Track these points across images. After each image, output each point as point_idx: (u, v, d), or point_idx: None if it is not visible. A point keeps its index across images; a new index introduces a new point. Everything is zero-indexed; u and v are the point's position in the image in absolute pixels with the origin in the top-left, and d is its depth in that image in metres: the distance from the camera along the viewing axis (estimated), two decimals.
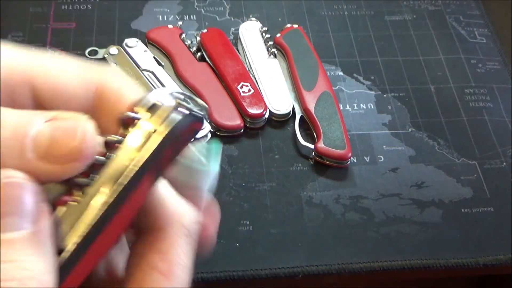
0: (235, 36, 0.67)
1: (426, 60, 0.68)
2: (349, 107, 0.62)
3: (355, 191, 0.56)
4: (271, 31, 0.66)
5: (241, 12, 0.70)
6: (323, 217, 0.54)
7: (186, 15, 0.70)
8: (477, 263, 0.52)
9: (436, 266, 0.52)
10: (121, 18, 0.68)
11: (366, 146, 0.59)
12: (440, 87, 0.66)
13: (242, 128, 0.58)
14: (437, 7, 0.74)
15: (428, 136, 0.61)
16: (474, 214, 0.55)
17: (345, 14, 0.72)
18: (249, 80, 0.61)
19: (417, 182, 0.57)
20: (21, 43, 0.64)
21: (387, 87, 0.65)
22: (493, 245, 0.53)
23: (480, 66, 0.68)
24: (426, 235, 0.53)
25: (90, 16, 0.68)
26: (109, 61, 0.61)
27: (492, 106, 0.64)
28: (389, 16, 0.73)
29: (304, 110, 0.59)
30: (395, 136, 0.61)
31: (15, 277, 0.19)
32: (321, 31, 0.70)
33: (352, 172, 0.57)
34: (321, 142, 0.57)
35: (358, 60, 0.67)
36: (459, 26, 0.72)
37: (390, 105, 0.63)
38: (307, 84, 0.61)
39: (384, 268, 0.51)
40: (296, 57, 0.63)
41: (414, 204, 0.55)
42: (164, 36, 0.64)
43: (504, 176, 0.58)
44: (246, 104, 0.59)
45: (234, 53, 0.63)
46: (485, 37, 0.71)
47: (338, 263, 0.51)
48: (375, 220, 0.54)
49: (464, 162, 0.59)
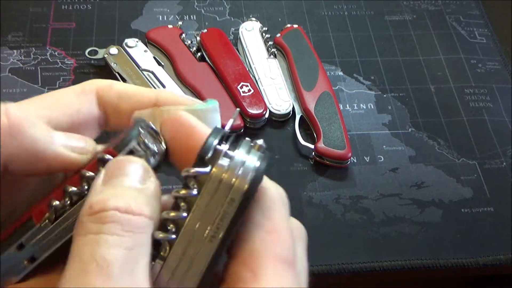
0: (235, 36, 0.67)
1: (426, 60, 0.68)
2: (349, 107, 0.62)
3: (355, 191, 0.56)
4: (271, 31, 0.66)
5: (241, 12, 0.70)
6: (323, 217, 0.54)
7: (186, 15, 0.70)
8: (477, 263, 0.52)
9: (436, 266, 0.52)
10: (121, 18, 0.68)
11: (366, 146, 0.59)
12: (440, 87, 0.66)
13: (242, 128, 0.58)
14: (437, 7, 0.74)
15: (428, 136, 0.61)
16: (474, 214, 0.55)
17: (345, 14, 0.72)
18: (249, 80, 0.61)
19: (417, 182, 0.57)
20: (21, 43, 0.64)
21: (387, 87, 0.65)
22: (493, 245, 0.53)
23: (480, 66, 0.68)
24: (426, 235, 0.53)
25: (90, 16, 0.68)
26: (109, 61, 0.61)
27: (492, 106, 0.64)
28: (389, 16, 0.73)
29: (304, 110, 0.59)
30: (395, 136, 0.61)
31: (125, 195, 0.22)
32: (321, 31, 0.70)
33: (352, 172, 0.57)
34: (321, 142, 0.56)
35: (358, 60, 0.67)
36: (459, 26, 0.72)
37: (390, 105, 0.63)
38: (307, 84, 0.61)
39: (384, 268, 0.51)
40: (296, 57, 0.63)
41: (414, 204, 0.55)
42: (164, 36, 0.64)
43: (504, 176, 0.58)
44: (246, 104, 0.59)
45: (234, 53, 0.63)
46: (485, 37, 0.71)
47: (338, 263, 0.51)
48: (375, 220, 0.54)
49: (464, 162, 0.59)
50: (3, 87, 0.60)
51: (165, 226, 0.22)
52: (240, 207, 0.22)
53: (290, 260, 0.23)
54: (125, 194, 0.22)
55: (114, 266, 0.20)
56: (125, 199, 0.21)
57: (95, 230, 0.20)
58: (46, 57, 0.63)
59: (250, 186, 0.22)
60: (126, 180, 0.22)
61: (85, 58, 0.63)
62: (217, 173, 0.22)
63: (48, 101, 0.26)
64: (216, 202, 0.22)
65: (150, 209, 0.22)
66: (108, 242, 0.20)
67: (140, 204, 0.21)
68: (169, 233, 0.22)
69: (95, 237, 0.20)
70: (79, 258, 0.20)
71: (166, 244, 0.22)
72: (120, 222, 0.21)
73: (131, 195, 0.22)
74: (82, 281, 0.19)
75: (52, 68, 0.62)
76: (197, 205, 0.22)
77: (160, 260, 0.22)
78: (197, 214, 0.22)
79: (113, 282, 0.19)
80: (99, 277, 0.19)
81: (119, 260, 0.20)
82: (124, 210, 0.21)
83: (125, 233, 0.20)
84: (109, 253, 0.20)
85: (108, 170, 0.23)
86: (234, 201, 0.22)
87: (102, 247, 0.20)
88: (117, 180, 0.22)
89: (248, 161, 0.23)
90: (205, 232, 0.22)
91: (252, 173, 0.22)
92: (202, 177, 0.23)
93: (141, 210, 0.21)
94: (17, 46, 0.64)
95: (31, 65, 0.62)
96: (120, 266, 0.20)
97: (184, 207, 0.22)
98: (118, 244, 0.20)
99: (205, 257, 0.22)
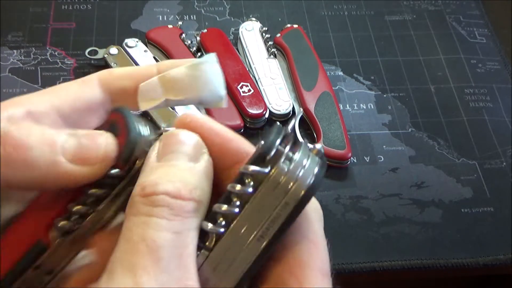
0: (235, 36, 0.67)
1: (426, 60, 0.68)
2: (349, 107, 0.62)
3: (355, 191, 0.56)
4: (271, 31, 0.66)
5: (241, 12, 0.70)
6: (323, 217, 0.54)
7: (186, 15, 0.70)
8: (477, 263, 0.52)
9: (436, 266, 0.51)
10: (121, 18, 0.68)
11: (366, 146, 0.59)
12: (440, 87, 0.66)
13: (242, 128, 0.58)
14: (437, 7, 0.74)
15: (428, 136, 0.61)
16: (474, 214, 0.55)
17: (345, 14, 0.72)
18: (249, 80, 0.61)
19: (417, 182, 0.57)
20: (21, 43, 0.64)
21: (387, 87, 0.65)
22: (493, 245, 0.53)
23: (480, 66, 0.68)
24: (426, 235, 0.53)
25: (90, 16, 0.68)
26: (109, 61, 0.61)
27: (492, 106, 0.64)
28: (389, 16, 0.73)
29: (304, 110, 0.59)
30: (395, 136, 0.61)
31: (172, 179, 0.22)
32: (321, 31, 0.70)
33: (352, 172, 0.57)
34: (321, 142, 0.56)
35: (358, 60, 0.67)
36: (459, 26, 0.72)
37: (390, 105, 0.63)
38: (307, 84, 0.61)
39: (384, 268, 0.51)
40: (296, 57, 0.63)
41: (414, 204, 0.55)
42: (164, 36, 0.64)
43: (504, 176, 0.58)
44: (246, 104, 0.59)
45: (234, 53, 0.63)
46: (485, 37, 0.71)
47: (338, 263, 0.51)
48: (375, 220, 0.54)
49: (464, 162, 0.59)
50: (3, 87, 0.60)
51: (214, 218, 0.22)
52: (293, 212, 0.22)
53: (329, 274, 0.24)
54: (176, 175, 0.22)
55: (164, 248, 0.20)
56: (175, 183, 0.21)
57: (146, 212, 0.21)
58: (46, 57, 0.63)
59: (307, 192, 0.22)
60: (179, 157, 0.23)
61: (85, 58, 0.63)
62: (276, 175, 0.22)
63: (51, 91, 0.26)
64: (270, 204, 0.22)
65: (200, 192, 0.22)
66: (158, 225, 0.20)
67: (190, 188, 0.22)
68: (218, 226, 0.22)
69: (146, 219, 0.21)
70: (130, 238, 0.20)
71: (213, 236, 0.22)
72: (170, 206, 0.21)
73: (182, 177, 0.22)
74: (132, 261, 0.20)
75: (52, 68, 0.62)
76: (250, 204, 0.22)
77: (205, 251, 0.22)
78: (249, 213, 0.22)
79: (162, 265, 0.20)
80: (148, 258, 0.20)
81: (168, 244, 0.20)
82: (173, 195, 0.21)
83: (175, 217, 0.21)
84: (159, 236, 0.20)
85: (162, 145, 0.23)
86: (288, 205, 0.22)
87: (153, 229, 0.20)
88: (170, 156, 0.23)
89: (308, 166, 0.22)
90: (254, 232, 0.22)
91: (310, 179, 0.22)
92: (260, 176, 0.22)
93: (191, 195, 0.21)
94: (17, 46, 0.64)
95: (31, 65, 0.62)
96: (169, 249, 0.20)
97: (236, 203, 0.22)
98: (167, 228, 0.20)
99: (250, 256, 0.22)
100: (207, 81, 0.27)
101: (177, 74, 0.27)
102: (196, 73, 0.27)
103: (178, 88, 0.27)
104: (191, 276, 0.20)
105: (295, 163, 0.22)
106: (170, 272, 0.20)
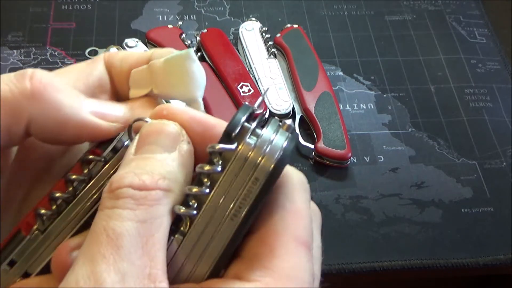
0: (235, 36, 0.67)
1: (426, 60, 0.68)
2: (349, 107, 0.62)
3: (355, 191, 0.56)
4: (271, 31, 0.66)
5: (241, 12, 0.70)
6: (323, 217, 0.54)
7: (186, 15, 0.70)
8: (477, 263, 0.52)
9: (436, 266, 0.51)
10: (121, 18, 0.68)
11: (366, 146, 0.59)
12: (440, 87, 0.66)
13: None
14: (437, 7, 0.74)
15: (428, 136, 0.61)
16: (474, 214, 0.55)
17: (345, 14, 0.72)
18: (249, 80, 0.61)
19: (417, 182, 0.57)
20: (21, 43, 0.64)
21: (387, 87, 0.65)
22: (493, 245, 0.53)
23: (480, 66, 0.68)
24: (426, 235, 0.53)
25: (90, 16, 0.68)
26: None
27: (492, 106, 0.64)
28: (389, 16, 0.73)
29: (304, 110, 0.59)
30: (395, 136, 0.61)
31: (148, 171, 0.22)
32: (321, 31, 0.70)
33: (352, 172, 0.57)
34: (321, 142, 0.56)
35: (358, 60, 0.67)
36: (459, 26, 0.72)
37: (390, 105, 0.63)
38: (307, 84, 0.61)
39: (384, 268, 0.51)
40: (296, 57, 0.63)
41: (414, 204, 0.55)
42: (164, 36, 0.64)
43: (504, 176, 0.58)
44: None
45: (234, 53, 0.63)
46: (485, 37, 0.71)
47: (338, 263, 0.51)
48: (375, 220, 0.54)
49: (464, 162, 0.59)
50: None
51: (187, 201, 0.22)
52: (264, 187, 0.21)
53: (307, 242, 0.23)
54: (146, 167, 0.22)
55: (124, 237, 0.20)
56: (142, 175, 0.21)
57: (110, 205, 0.21)
58: (46, 57, 0.63)
59: (276, 167, 0.21)
60: (153, 149, 0.23)
61: (85, 58, 0.63)
62: (243, 150, 0.22)
63: (65, 71, 0.27)
64: (240, 180, 0.22)
65: (169, 181, 0.22)
66: (120, 216, 0.20)
67: (157, 178, 0.21)
68: (190, 208, 0.22)
69: (109, 211, 0.21)
70: (93, 231, 0.21)
71: (187, 219, 0.22)
72: (133, 197, 0.21)
73: (151, 169, 0.22)
74: (92, 251, 0.20)
75: (52, 68, 0.62)
76: (220, 182, 0.22)
77: (179, 235, 0.22)
78: (220, 191, 0.22)
79: (122, 253, 0.20)
80: (108, 248, 0.20)
81: (130, 232, 0.20)
82: (137, 187, 0.21)
83: (138, 207, 0.21)
84: (119, 226, 0.20)
85: (139, 137, 0.23)
86: (258, 180, 0.21)
87: (114, 220, 0.20)
88: (145, 148, 0.23)
89: (276, 141, 0.22)
90: (227, 210, 0.22)
91: (279, 153, 0.22)
92: (228, 153, 0.22)
93: (157, 185, 0.21)
94: (17, 46, 0.64)
95: (31, 65, 0.62)
96: (130, 238, 0.20)
97: (207, 183, 0.22)
98: (130, 218, 0.20)
99: (225, 235, 0.22)
100: (180, 78, 0.26)
101: (154, 66, 0.26)
102: (169, 68, 0.26)
103: (157, 81, 0.26)
104: (157, 264, 0.20)
105: (262, 138, 0.22)
106: (132, 260, 0.20)
